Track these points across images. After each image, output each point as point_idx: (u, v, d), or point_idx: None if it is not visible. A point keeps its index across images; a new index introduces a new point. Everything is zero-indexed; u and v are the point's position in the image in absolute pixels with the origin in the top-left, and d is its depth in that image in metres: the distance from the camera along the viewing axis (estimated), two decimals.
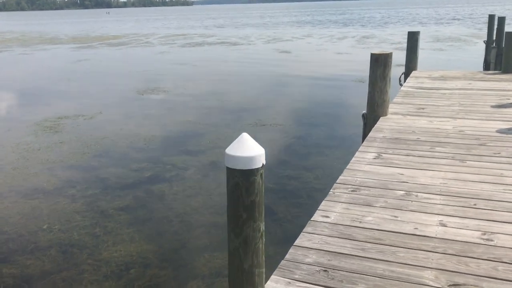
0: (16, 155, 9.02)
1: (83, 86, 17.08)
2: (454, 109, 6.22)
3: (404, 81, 9.54)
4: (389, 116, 5.89)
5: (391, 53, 5.72)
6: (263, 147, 2.43)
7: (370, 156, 4.38)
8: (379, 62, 5.64)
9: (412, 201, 3.37)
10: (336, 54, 25.44)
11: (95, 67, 22.44)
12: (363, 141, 5.90)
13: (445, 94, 7.40)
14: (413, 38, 9.62)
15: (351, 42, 32.09)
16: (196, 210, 6.61)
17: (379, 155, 4.38)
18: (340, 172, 4.70)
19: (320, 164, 8.31)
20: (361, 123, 6.37)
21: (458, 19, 57.06)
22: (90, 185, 7.53)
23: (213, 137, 10.01)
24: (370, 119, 5.81)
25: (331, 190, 3.60)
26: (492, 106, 6.31)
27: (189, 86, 16.64)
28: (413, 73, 9.72)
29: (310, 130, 10.50)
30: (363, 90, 15.16)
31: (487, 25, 16.59)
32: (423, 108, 6.36)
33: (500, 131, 5.08)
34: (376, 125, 5.47)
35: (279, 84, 16.85)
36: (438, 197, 3.41)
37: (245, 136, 2.35)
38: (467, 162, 4.12)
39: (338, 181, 3.85)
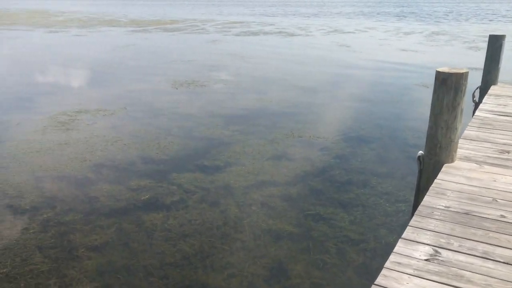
0: (7, 158, 7.88)
1: (119, 75, 16.02)
2: None
3: (480, 99, 7.48)
4: (456, 163, 4.04)
5: (466, 73, 3.86)
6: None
7: (420, 252, 2.63)
8: (448, 86, 3.80)
9: None
10: (400, 51, 23.02)
11: (141, 53, 21.45)
12: (414, 203, 4.09)
13: None
14: (495, 44, 7.51)
15: (418, 38, 29.31)
16: (187, 258, 5.09)
17: (436, 252, 2.62)
18: (387, 216, 2.99)
19: (361, 199, 6.54)
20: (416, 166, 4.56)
21: None
22: (72, 207, 6.20)
23: (237, 149, 8.44)
24: (428, 166, 4.00)
25: None
26: None
27: (230, 80, 15.14)
28: (492, 89, 7.62)
29: (357, 149, 8.68)
30: (429, 98, 13.04)
31: None
32: (508, 152, 4.44)
33: None
34: (436, 180, 3.66)
35: (332, 84, 14.99)
36: None
37: None
38: None
39: None
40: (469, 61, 17.23)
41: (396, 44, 26.02)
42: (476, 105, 6.81)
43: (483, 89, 7.81)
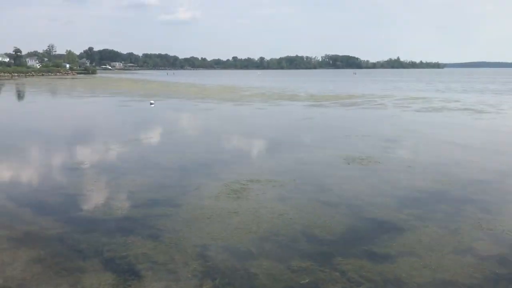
0: (181, 222, 8.22)
1: (293, 146, 16.27)
2: None
3: None
4: None
5: None
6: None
7: None
8: None
9: None
10: None
11: (316, 127, 21.76)
12: None
13: None
14: None
15: None
16: None
17: None
18: None
19: None
20: None
21: None
22: (230, 282, 6.02)
23: (411, 237, 7.48)
24: None
25: None
26: None
27: (407, 159, 14.12)
28: None
29: None
30: None
31: None
32: None
33: None
34: None
35: None
36: None
37: None
38: None
39: None
40: None
41: None
42: None
43: None
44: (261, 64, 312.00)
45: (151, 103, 33.40)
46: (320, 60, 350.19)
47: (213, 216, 8.56)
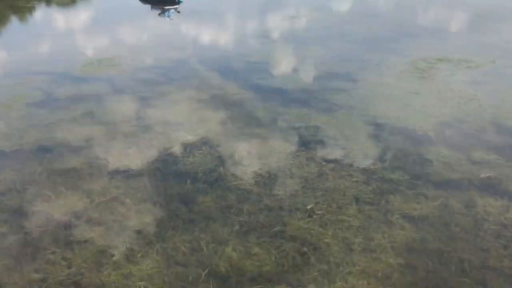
0: (357, 98, 7.95)
1: (495, 21, 13.91)
2: None
3: None
4: None
5: None
6: None
7: None
8: None
9: None
10: None
11: None
12: None
13: None
14: None
15: None
16: None
17: None
18: None
19: None
20: None
21: None
22: (401, 166, 5.78)
23: None
24: None
25: None
26: None
27: None
28: None
29: None
30: None
31: None
32: None
33: None
34: None
35: None
36: None
37: None
38: None
39: None
40: None
41: None
42: None
43: None
44: None
45: None
46: None
47: (392, 95, 8.10)
